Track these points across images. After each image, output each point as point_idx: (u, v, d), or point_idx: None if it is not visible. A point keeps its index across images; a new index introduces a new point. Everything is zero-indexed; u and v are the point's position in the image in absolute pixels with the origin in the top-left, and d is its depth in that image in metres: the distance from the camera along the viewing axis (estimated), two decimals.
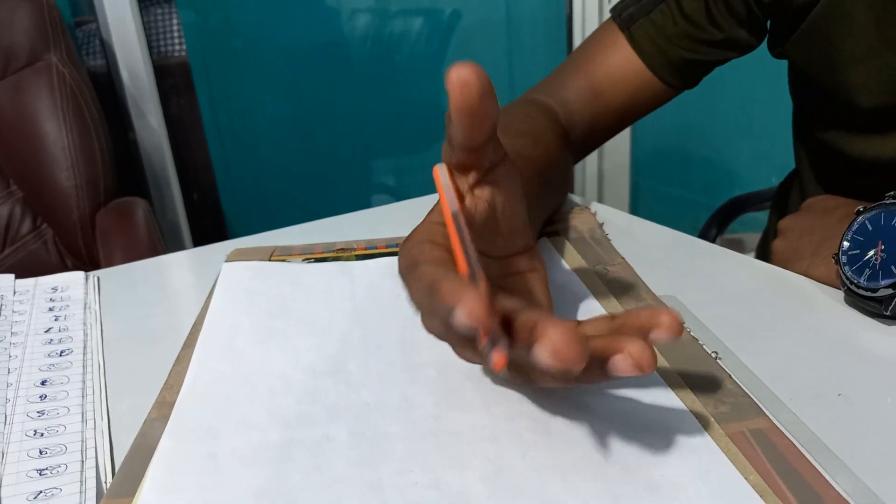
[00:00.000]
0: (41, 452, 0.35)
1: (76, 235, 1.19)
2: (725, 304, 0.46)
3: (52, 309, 0.51)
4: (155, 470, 0.32)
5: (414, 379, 0.38)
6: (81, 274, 0.56)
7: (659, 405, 0.34)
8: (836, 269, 0.45)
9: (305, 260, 0.54)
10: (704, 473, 0.30)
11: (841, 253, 0.44)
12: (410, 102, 1.75)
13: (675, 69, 0.63)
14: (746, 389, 0.35)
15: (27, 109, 1.17)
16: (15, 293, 0.53)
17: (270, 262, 0.53)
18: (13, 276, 0.54)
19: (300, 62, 1.60)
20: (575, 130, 0.64)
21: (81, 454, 0.35)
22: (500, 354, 0.28)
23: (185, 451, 0.33)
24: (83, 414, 0.38)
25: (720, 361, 0.38)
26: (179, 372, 0.40)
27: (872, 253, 0.42)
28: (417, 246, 0.34)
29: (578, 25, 1.75)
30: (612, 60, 0.64)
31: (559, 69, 0.69)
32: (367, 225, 0.65)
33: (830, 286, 0.47)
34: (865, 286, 0.42)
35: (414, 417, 0.35)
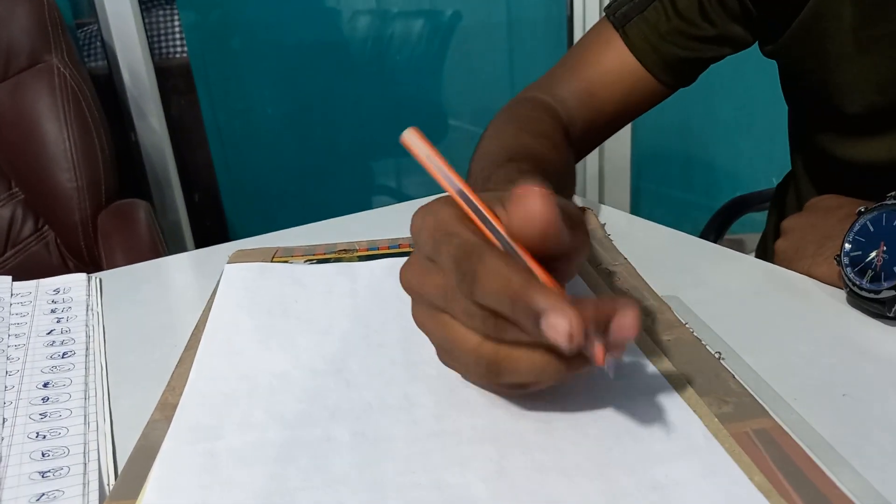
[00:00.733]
0: (43, 455, 0.35)
1: (77, 237, 1.19)
2: (728, 304, 0.46)
3: (54, 311, 0.50)
4: (158, 472, 0.32)
5: (415, 379, 0.38)
6: (83, 276, 0.56)
7: (662, 405, 0.34)
8: (837, 269, 0.45)
9: (307, 261, 0.54)
10: (708, 473, 0.30)
11: (843, 254, 0.44)
12: (412, 103, 1.75)
13: (669, 67, 0.63)
14: (750, 389, 0.35)
15: (28, 111, 1.17)
16: (15, 295, 0.53)
17: (272, 263, 0.53)
18: (10, 277, 0.54)
19: (301, 63, 1.60)
20: (574, 130, 0.64)
21: (84, 456, 0.35)
22: (601, 349, 0.28)
23: (187, 451, 0.33)
24: (85, 416, 0.38)
25: (723, 361, 0.38)
26: (182, 373, 0.40)
27: (874, 254, 0.42)
28: (444, 210, 0.32)
29: (579, 26, 1.75)
30: (606, 60, 0.65)
31: (555, 68, 0.69)
32: (368, 226, 0.65)
33: (832, 286, 0.47)
34: (868, 288, 0.42)
35: (415, 417, 0.35)
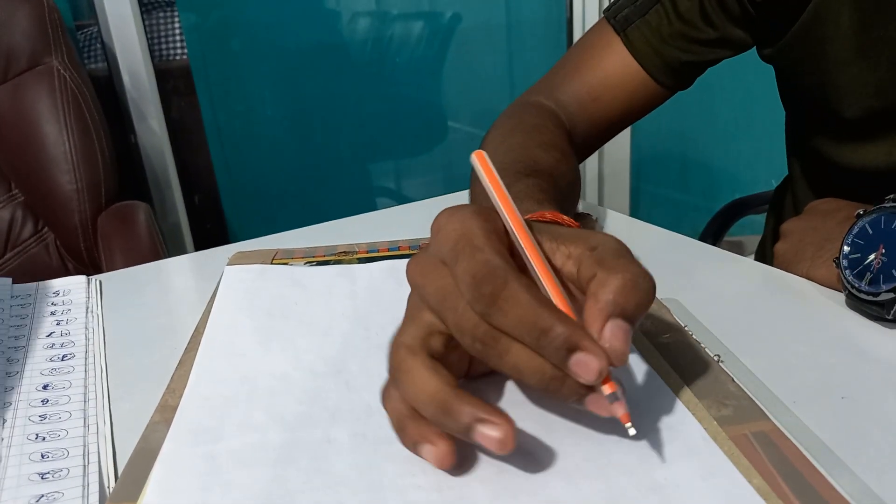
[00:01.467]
0: (43, 456, 0.35)
1: (77, 239, 1.19)
2: (727, 306, 0.46)
3: (53, 313, 0.51)
4: (158, 474, 0.32)
5: None
6: (83, 278, 0.56)
7: (661, 408, 0.34)
8: (836, 271, 0.45)
9: (307, 263, 0.54)
10: (707, 476, 0.30)
11: (842, 257, 0.44)
12: (412, 105, 1.75)
13: (670, 70, 0.63)
14: (749, 392, 0.35)
15: (28, 113, 1.17)
16: (15, 297, 0.53)
17: (272, 265, 0.53)
18: (10, 280, 0.54)
19: (301, 65, 1.60)
20: (575, 134, 0.64)
21: (84, 458, 0.35)
22: (625, 410, 0.29)
23: (187, 453, 0.33)
24: (85, 418, 0.38)
25: (722, 364, 0.38)
26: (182, 375, 0.40)
27: (873, 257, 0.42)
28: (475, 222, 0.31)
29: (578, 27, 1.75)
30: (607, 64, 0.64)
31: (555, 71, 0.68)
32: (368, 228, 0.65)
33: (831, 288, 0.47)
34: (867, 290, 0.42)
35: None
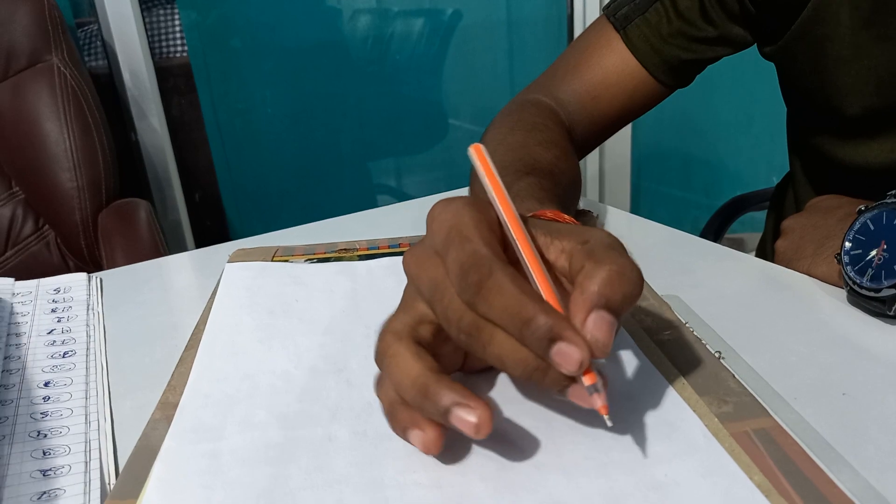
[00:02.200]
0: (45, 453, 0.35)
1: (78, 236, 1.20)
2: (728, 303, 0.46)
3: (54, 310, 0.51)
4: (158, 471, 0.32)
5: None
6: (84, 275, 0.56)
7: (662, 405, 0.34)
8: (837, 268, 0.45)
9: (308, 260, 0.54)
10: (708, 473, 0.30)
11: (843, 253, 0.44)
12: (412, 103, 1.75)
13: (670, 68, 0.63)
14: (750, 389, 0.35)
15: (29, 110, 1.17)
16: (16, 294, 0.53)
17: (273, 262, 0.53)
18: (13, 279, 0.54)
19: (302, 62, 1.60)
20: (575, 132, 0.64)
21: (85, 455, 0.35)
22: (604, 402, 0.29)
23: (188, 451, 0.33)
24: (86, 415, 0.38)
25: (723, 361, 0.38)
26: (182, 373, 0.40)
27: (874, 253, 0.42)
28: (467, 213, 0.31)
29: (579, 25, 1.75)
30: (607, 62, 0.64)
31: (554, 68, 0.68)
32: (368, 225, 0.65)
33: (832, 285, 0.47)
34: (868, 286, 0.42)
35: None
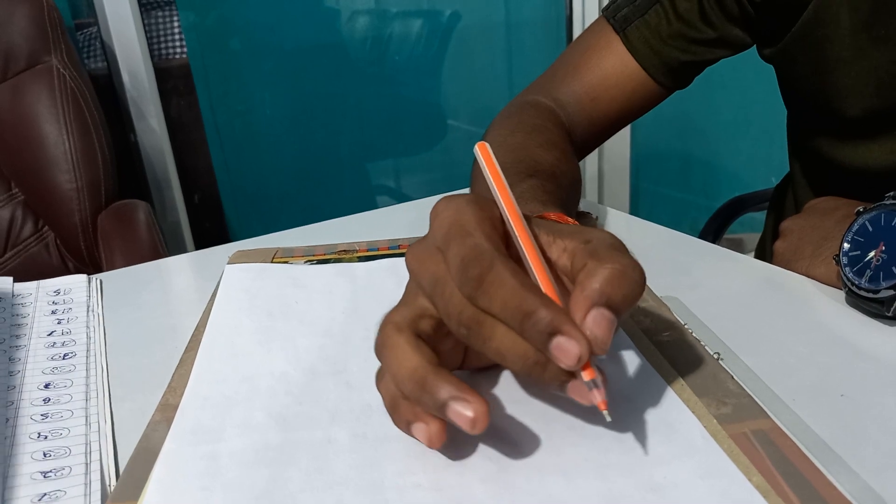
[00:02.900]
0: (45, 455, 0.35)
1: (77, 238, 1.20)
2: (727, 304, 0.46)
3: (54, 312, 0.51)
4: (159, 473, 0.32)
5: None
6: (84, 277, 0.56)
7: (660, 406, 0.34)
8: (836, 269, 0.45)
9: (307, 262, 0.54)
10: (707, 474, 0.30)
11: (841, 254, 0.44)
12: (411, 104, 1.75)
13: (670, 70, 0.63)
14: (748, 390, 0.35)
15: (28, 112, 1.17)
16: (16, 296, 0.53)
17: (272, 263, 0.53)
18: (11, 279, 0.55)
19: (301, 64, 1.60)
20: (574, 133, 0.64)
21: (85, 457, 0.35)
22: (603, 398, 0.29)
23: (187, 453, 0.33)
24: (87, 417, 0.38)
25: (722, 362, 0.38)
26: (182, 374, 0.40)
27: (873, 254, 0.42)
28: (469, 210, 0.31)
29: (578, 26, 1.75)
30: (607, 64, 0.64)
31: (554, 69, 0.68)
32: (368, 227, 0.65)
33: (831, 286, 0.47)
34: (867, 287, 0.42)
35: None
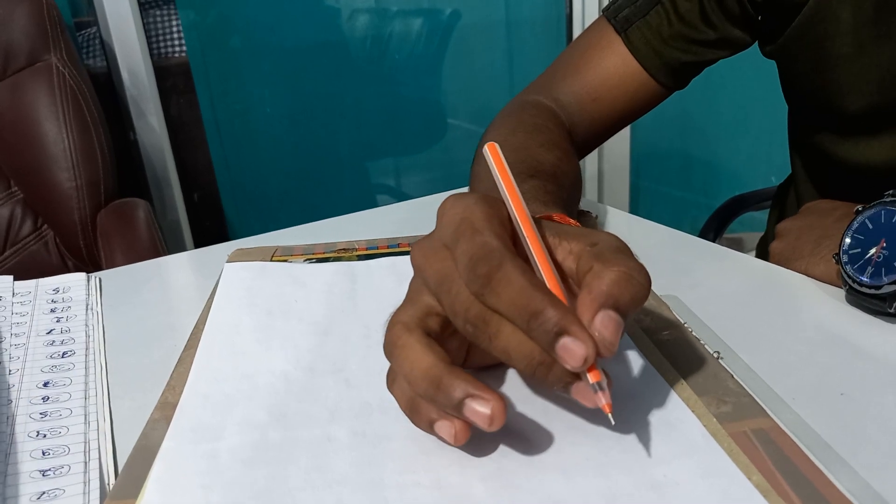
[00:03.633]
0: (44, 453, 0.35)
1: (77, 236, 1.19)
2: (727, 303, 0.46)
3: (53, 310, 0.51)
4: (158, 471, 0.32)
5: None
6: (83, 275, 0.56)
7: (660, 405, 0.34)
8: (835, 267, 0.45)
9: (307, 260, 0.54)
10: (707, 473, 0.30)
11: (842, 252, 0.44)
12: (411, 102, 1.75)
13: (671, 71, 0.63)
14: (748, 389, 0.35)
15: (27, 110, 1.17)
16: (15, 294, 0.53)
17: (272, 262, 0.53)
18: (12, 277, 0.54)
19: (300, 62, 1.60)
20: (575, 133, 0.64)
21: (84, 455, 0.35)
22: (607, 400, 0.29)
23: (187, 451, 0.33)
24: (86, 415, 0.38)
25: (722, 361, 0.38)
26: (181, 373, 0.40)
27: (874, 251, 0.42)
28: (478, 208, 0.32)
29: (578, 25, 1.75)
30: (608, 64, 0.64)
31: (553, 69, 0.68)
32: (368, 225, 0.65)
33: (830, 284, 0.47)
34: (868, 284, 0.42)
35: None
